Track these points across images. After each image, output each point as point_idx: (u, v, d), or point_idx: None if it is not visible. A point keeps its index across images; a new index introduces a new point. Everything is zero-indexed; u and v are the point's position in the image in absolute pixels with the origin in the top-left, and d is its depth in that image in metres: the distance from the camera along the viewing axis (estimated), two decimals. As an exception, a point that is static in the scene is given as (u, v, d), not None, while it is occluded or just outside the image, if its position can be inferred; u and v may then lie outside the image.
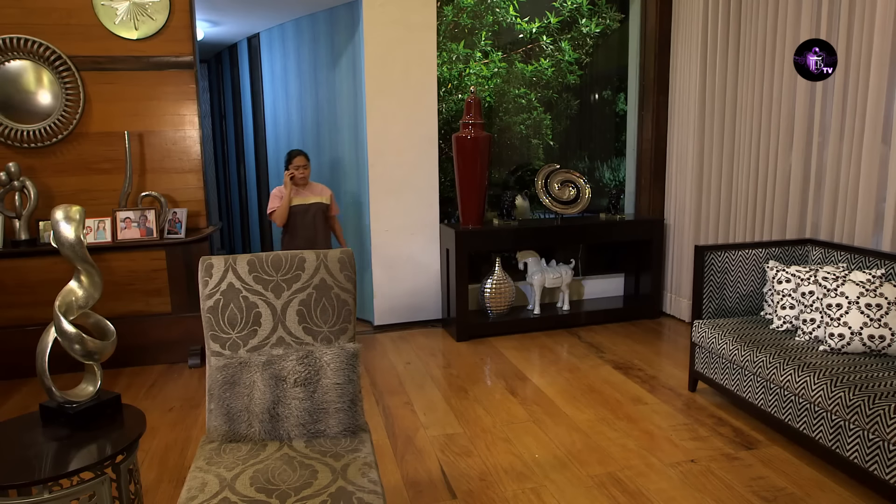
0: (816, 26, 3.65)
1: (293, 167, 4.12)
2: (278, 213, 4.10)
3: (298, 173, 4.12)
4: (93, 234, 4.01)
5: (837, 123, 3.55)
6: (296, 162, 4.12)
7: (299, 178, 4.13)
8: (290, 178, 4.11)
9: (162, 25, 4.11)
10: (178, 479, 2.69)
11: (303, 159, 4.14)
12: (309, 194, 4.21)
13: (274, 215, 4.11)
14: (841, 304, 2.84)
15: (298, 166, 4.12)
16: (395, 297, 4.86)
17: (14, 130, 3.97)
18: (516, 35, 4.95)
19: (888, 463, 2.31)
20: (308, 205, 4.18)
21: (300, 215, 4.15)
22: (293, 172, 4.11)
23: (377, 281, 4.81)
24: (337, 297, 2.14)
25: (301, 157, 4.14)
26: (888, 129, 3.30)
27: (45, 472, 1.70)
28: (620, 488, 2.59)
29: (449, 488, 2.62)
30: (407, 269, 4.85)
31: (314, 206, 4.21)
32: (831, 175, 3.61)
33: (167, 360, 4.17)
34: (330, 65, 5.07)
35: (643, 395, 3.54)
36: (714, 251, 3.44)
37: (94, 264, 2.03)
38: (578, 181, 4.98)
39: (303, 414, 1.97)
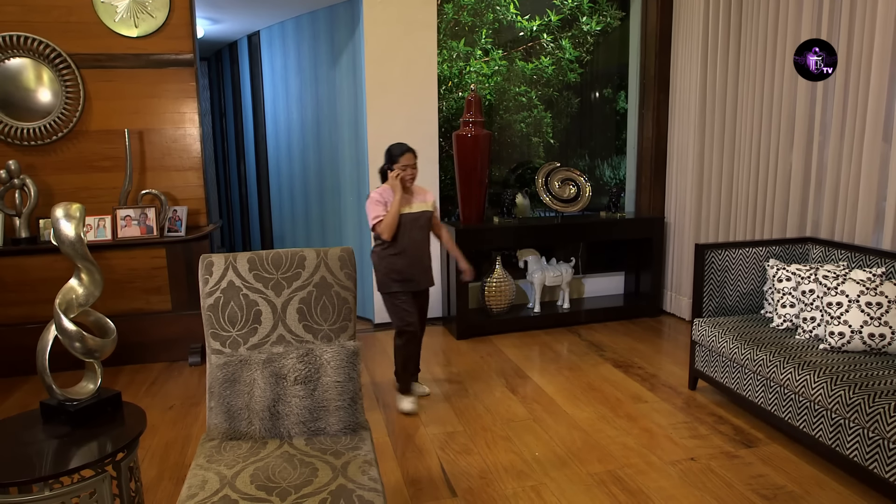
0: (817, 24, 3.65)
1: (400, 166, 3.24)
2: (387, 223, 3.19)
3: (407, 174, 3.26)
4: (93, 232, 4.01)
5: (838, 122, 3.55)
6: (404, 160, 3.24)
7: (408, 180, 3.28)
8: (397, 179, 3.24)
9: (162, 23, 4.11)
10: (179, 476, 2.70)
11: (412, 157, 3.28)
12: (414, 200, 3.34)
13: (381, 226, 3.21)
14: (841, 303, 2.84)
15: (407, 165, 3.24)
16: (395, 295, 4.85)
17: (14, 128, 3.97)
18: (517, 33, 4.94)
19: (888, 461, 2.31)
20: (417, 213, 3.31)
21: (409, 226, 3.28)
22: (400, 173, 3.24)
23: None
24: (337, 294, 2.14)
25: (410, 154, 3.27)
26: (889, 128, 3.29)
27: (46, 470, 1.70)
28: (620, 486, 2.59)
29: (449, 486, 2.62)
30: (407, 267, 4.84)
31: (424, 215, 3.34)
32: (832, 173, 3.60)
33: (167, 357, 4.17)
34: (330, 62, 5.06)
35: (643, 393, 3.54)
36: (714, 249, 3.44)
37: (95, 262, 2.02)
38: (579, 179, 4.97)
39: (303, 412, 1.97)
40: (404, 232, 3.26)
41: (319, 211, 5.50)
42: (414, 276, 3.30)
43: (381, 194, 3.26)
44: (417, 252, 3.32)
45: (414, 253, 3.30)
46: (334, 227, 5.35)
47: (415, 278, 3.31)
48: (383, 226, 3.20)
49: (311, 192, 5.56)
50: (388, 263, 3.28)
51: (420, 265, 3.34)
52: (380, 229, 3.22)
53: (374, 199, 3.25)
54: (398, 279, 3.28)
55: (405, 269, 3.28)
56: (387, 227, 3.20)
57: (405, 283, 3.29)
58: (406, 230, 3.26)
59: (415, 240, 3.30)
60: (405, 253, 3.27)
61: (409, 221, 3.27)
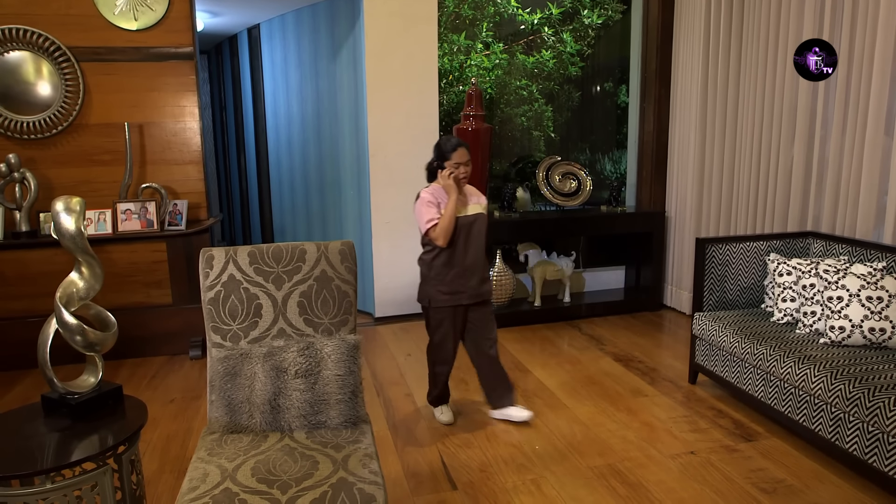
0: (820, 17, 3.63)
1: (452, 164, 2.88)
2: (443, 227, 2.83)
3: (461, 173, 2.90)
4: (93, 225, 4.00)
5: (840, 116, 3.54)
6: (456, 157, 2.87)
7: (462, 179, 2.93)
8: (450, 178, 2.88)
9: (161, 16, 4.09)
10: (180, 469, 2.70)
11: (467, 153, 2.90)
12: (469, 201, 2.99)
13: (436, 231, 2.85)
14: (842, 297, 2.84)
15: (460, 163, 2.88)
16: (395, 289, 4.86)
17: (14, 122, 3.97)
18: (518, 26, 4.93)
19: (887, 455, 2.32)
20: (473, 217, 2.95)
21: (464, 231, 2.92)
22: (454, 171, 2.89)
23: (378, 273, 4.81)
24: (338, 288, 2.14)
25: (463, 149, 2.90)
26: (891, 122, 3.28)
27: (48, 463, 1.71)
28: (620, 480, 2.59)
29: (449, 479, 2.63)
30: (408, 260, 4.84)
31: (479, 218, 2.97)
32: (833, 168, 3.60)
33: (168, 351, 4.18)
34: (330, 56, 5.05)
35: (643, 387, 3.54)
36: (715, 243, 3.43)
37: (95, 256, 2.02)
38: (580, 173, 4.97)
39: (304, 405, 1.97)
40: (459, 238, 2.90)
41: (320, 205, 5.50)
42: (464, 287, 2.93)
43: (434, 195, 2.90)
44: (472, 260, 2.94)
45: (468, 261, 2.93)
46: (335, 220, 5.35)
47: (465, 290, 2.93)
48: (438, 230, 2.84)
49: (312, 186, 5.55)
50: (438, 273, 2.93)
51: (474, 276, 2.95)
52: (434, 234, 2.85)
53: (426, 199, 2.89)
54: (446, 292, 2.92)
55: (455, 280, 2.92)
56: (443, 231, 2.83)
57: (452, 297, 2.93)
58: (461, 236, 2.90)
59: (470, 246, 2.92)
60: (459, 261, 2.91)
61: (464, 226, 2.91)
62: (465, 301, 2.95)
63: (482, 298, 3.01)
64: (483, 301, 3.02)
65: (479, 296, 2.99)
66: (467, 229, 2.92)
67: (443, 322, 2.99)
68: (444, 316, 2.97)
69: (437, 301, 2.95)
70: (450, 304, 2.94)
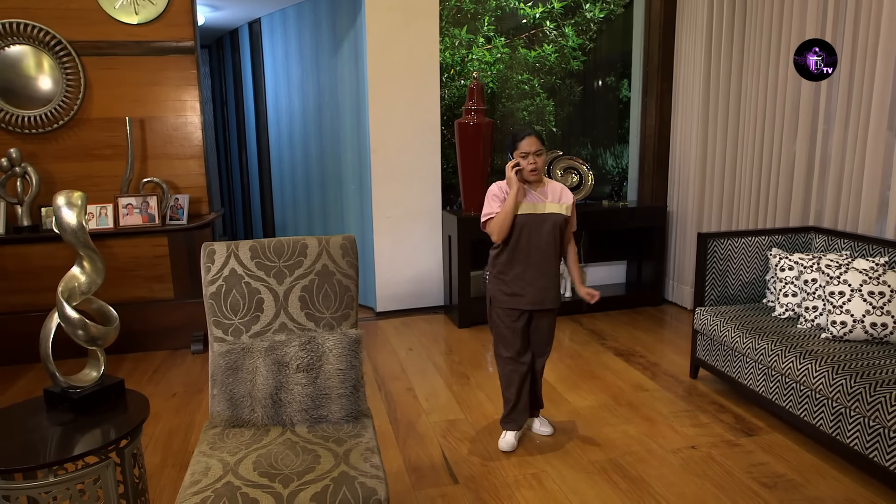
0: (823, 12, 3.61)
1: (519, 153, 2.63)
2: (497, 222, 2.63)
3: (528, 164, 2.62)
4: (95, 220, 4.01)
5: (843, 111, 3.52)
6: (524, 146, 2.62)
7: (529, 171, 2.63)
8: (514, 171, 2.64)
9: (162, 10, 4.08)
10: (182, 463, 2.71)
11: (536, 142, 2.62)
12: (543, 198, 2.69)
13: (491, 225, 2.66)
14: (844, 292, 2.83)
15: (528, 153, 2.61)
16: (397, 283, 4.86)
17: (15, 116, 3.96)
18: (519, 20, 4.91)
19: (888, 450, 2.32)
20: (544, 215, 2.67)
21: (529, 229, 2.66)
22: (520, 162, 2.63)
23: (379, 268, 4.81)
24: (339, 283, 2.14)
25: (533, 138, 2.62)
26: (893, 117, 3.27)
27: (50, 457, 1.71)
28: (621, 474, 2.60)
29: (451, 473, 2.63)
30: (409, 255, 4.85)
31: (552, 217, 2.67)
32: (836, 163, 3.59)
33: (170, 345, 4.19)
34: (332, 50, 5.03)
35: (644, 381, 3.55)
36: (717, 238, 3.43)
37: (97, 250, 2.03)
38: (581, 168, 4.96)
39: (305, 399, 1.97)
40: (522, 235, 2.65)
41: (321, 199, 5.50)
42: (525, 290, 2.68)
43: (501, 187, 2.69)
44: (536, 262, 2.66)
45: (532, 263, 2.66)
46: (336, 215, 5.35)
47: (525, 293, 2.68)
48: (493, 224, 2.64)
49: (313, 181, 5.55)
50: (500, 271, 2.72)
51: (538, 280, 2.67)
52: (489, 228, 2.67)
53: (493, 192, 2.70)
54: (507, 292, 2.70)
55: (515, 280, 2.68)
56: (497, 226, 2.63)
57: (512, 298, 2.70)
58: (524, 233, 2.65)
59: (534, 247, 2.66)
60: (520, 261, 2.67)
61: (529, 223, 2.64)
62: (524, 306, 2.69)
63: (543, 307, 2.71)
64: (547, 310, 2.74)
65: (540, 303, 2.70)
66: (534, 228, 2.65)
67: (500, 323, 2.76)
68: (502, 316, 2.75)
69: (497, 300, 2.74)
70: (508, 305, 2.71)
